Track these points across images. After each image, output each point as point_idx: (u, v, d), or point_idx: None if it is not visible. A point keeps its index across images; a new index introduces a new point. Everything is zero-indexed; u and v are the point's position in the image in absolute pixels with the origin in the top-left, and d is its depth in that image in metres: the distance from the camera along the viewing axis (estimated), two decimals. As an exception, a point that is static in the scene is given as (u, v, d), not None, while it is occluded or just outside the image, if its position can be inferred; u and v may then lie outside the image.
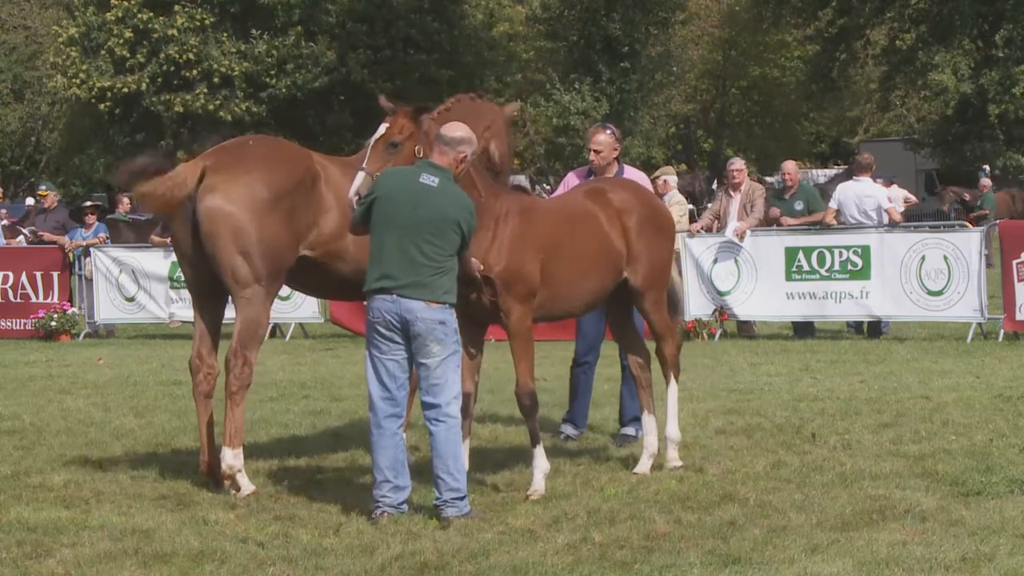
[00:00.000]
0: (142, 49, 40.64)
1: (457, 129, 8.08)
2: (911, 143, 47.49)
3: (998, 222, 20.18)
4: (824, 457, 9.38)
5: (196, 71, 40.74)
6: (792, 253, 17.74)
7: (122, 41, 40.41)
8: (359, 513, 7.98)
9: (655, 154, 50.22)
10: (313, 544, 7.39)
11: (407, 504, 7.96)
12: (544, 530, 7.58)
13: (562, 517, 7.85)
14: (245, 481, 8.69)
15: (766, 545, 7.11)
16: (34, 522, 7.95)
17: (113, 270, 20.47)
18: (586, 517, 7.83)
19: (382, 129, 8.25)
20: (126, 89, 40.30)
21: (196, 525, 7.87)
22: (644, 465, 9.20)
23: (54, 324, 20.15)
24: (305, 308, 19.55)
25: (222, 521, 7.96)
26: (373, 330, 7.89)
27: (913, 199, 31.56)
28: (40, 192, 23.23)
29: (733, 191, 18.39)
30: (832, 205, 18.67)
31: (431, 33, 41.52)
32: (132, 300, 20.39)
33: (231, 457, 8.62)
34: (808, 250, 17.69)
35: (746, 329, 18.34)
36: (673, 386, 9.44)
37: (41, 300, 20.64)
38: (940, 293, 16.98)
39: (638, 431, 10.35)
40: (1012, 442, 9.74)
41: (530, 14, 44.26)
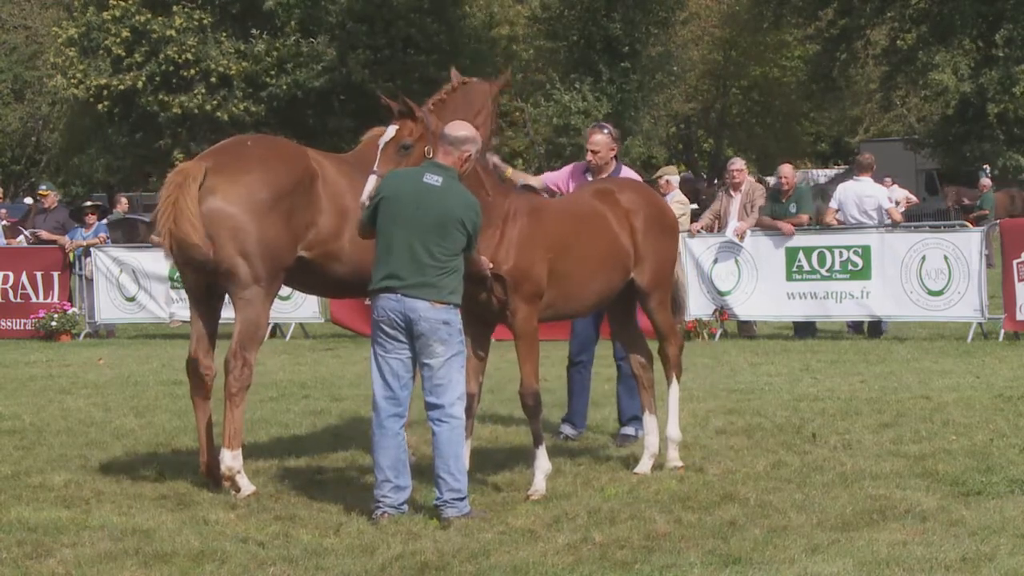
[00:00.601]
0: (140, 49, 40.62)
1: (461, 128, 8.09)
2: (911, 143, 47.48)
3: (998, 222, 20.18)
4: (824, 457, 9.38)
5: (195, 71, 40.72)
6: (792, 253, 17.73)
7: (119, 40, 40.38)
8: (359, 513, 7.98)
9: (656, 154, 50.21)
10: (313, 544, 7.39)
11: (408, 504, 7.97)
12: (545, 530, 7.58)
13: (563, 517, 7.85)
14: (245, 482, 8.68)
15: (766, 545, 7.11)
16: (34, 522, 7.95)
17: (113, 270, 20.47)
18: (586, 517, 7.83)
19: (392, 131, 8.23)
20: (122, 86, 40.26)
21: (196, 525, 7.87)
22: (645, 465, 9.20)
23: (54, 324, 20.16)
24: (305, 308, 19.57)
25: (222, 521, 7.96)
26: (378, 329, 7.90)
27: (913, 199, 31.58)
28: (40, 192, 23.20)
29: (733, 191, 18.39)
30: (832, 205, 18.69)
31: (431, 33, 41.51)
32: (132, 300, 20.40)
33: (230, 458, 8.61)
34: (808, 250, 17.68)
35: (746, 329, 18.35)
36: (675, 386, 9.44)
37: (41, 300, 20.65)
38: (940, 293, 16.97)
39: (638, 430, 10.34)
40: (1012, 442, 9.74)
41: (530, 14, 44.22)
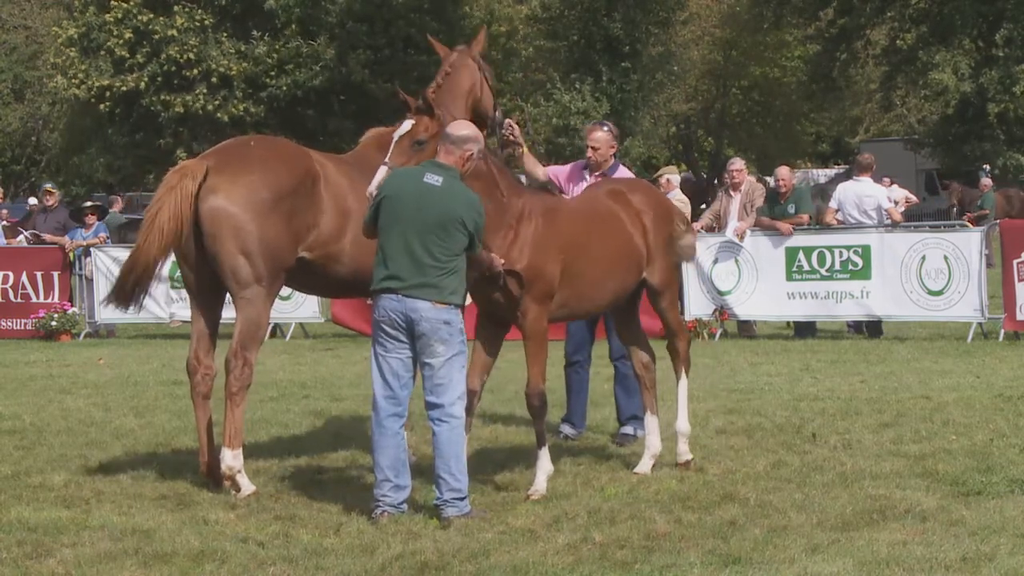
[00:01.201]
0: (142, 50, 40.61)
1: (463, 127, 8.11)
2: (911, 143, 47.47)
3: (998, 221, 20.18)
4: (824, 457, 9.38)
5: (196, 71, 40.71)
6: (792, 253, 17.73)
7: (122, 42, 40.37)
8: (359, 513, 7.98)
9: (656, 154, 50.20)
10: (313, 544, 7.39)
11: (407, 504, 7.97)
12: (545, 530, 7.58)
13: (562, 517, 7.85)
14: (245, 481, 8.69)
15: (766, 545, 7.11)
16: (34, 522, 7.95)
17: (114, 270, 20.40)
18: (586, 517, 7.83)
19: (408, 125, 8.23)
20: (124, 88, 40.27)
21: (196, 525, 7.87)
22: (645, 465, 9.19)
23: (54, 324, 20.15)
24: (306, 308, 19.56)
25: (222, 521, 7.96)
26: (378, 328, 7.90)
27: (913, 199, 31.57)
28: (46, 188, 23.22)
29: (733, 191, 18.39)
30: (832, 205, 18.68)
31: (431, 33, 41.49)
32: (133, 300, 20.36)
33: (231, 458, 8.62)
34: (808, 250, 17.68)
35: (746, 329, 18.35)
36: (684, 381, 9.45)
37: (42, 300, 20.65)
38: (940, 293, 16.97)
39: (637, 430, 10.35)
40: (1012, 442, 9.74)
41: (530, 14, 44.19)
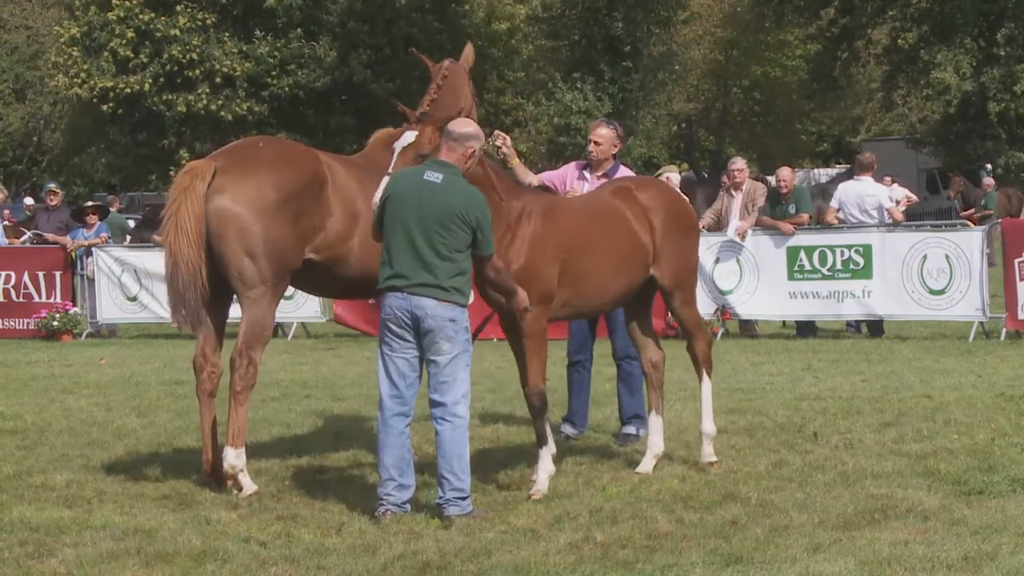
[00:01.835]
0: (144, 49, 40.61)
1: (465, 125, 8.13)
2: (913, 142, 47.45)
3: (1000, 221, 20.18)
4: (826, 456, 9.38)
5: (198, 71, 40.71)
6: (794, 252, 17.73)
7: (124, 41, 40.37)
8: (361, 512, 7.98)
9: (657, 153, 50.19)
10: (315, 544, 7.39)
11: (409, 504, 7.97)
12: (546, 529, 7.58)
13: (564, 516, 7.85)
14: (247, 481, 8.70)
15: (768, 544, 7.11)
16: (36, 522, 7.96)
17: (115, 270, 20.47)
18: (588, 516, 7.83)
19: (411, 136, 8.27)
20: (128, 89, 40.27)
21: (198, 525, 7.87)
22: (647, 464, 9.19)
23: (56, 324, 20.16)
24: (307, 307, 19.57)
25: (224, 521, 7.96)
26: (385, 328, 7.92)
27: (913, 198, 31.51)
28: (50, 188, 23.25)
29: (734, 190, 18.39)
30: (833, 204, 18.68)
31: (432, 33, 41.47)
32: (134, 300, 20.39)
33: (233, 457, 8.63)
34: (810, 249, 17.68)
35: (748, 328, 18.35)
36: (707, 382, 9.44)
37: (43, 300, 20.65)
38: (942, 292, 16.97)
39: (639, 429, 10.34)
40: (1014, 441, 9.74)
41: (531, 13, 44.19)
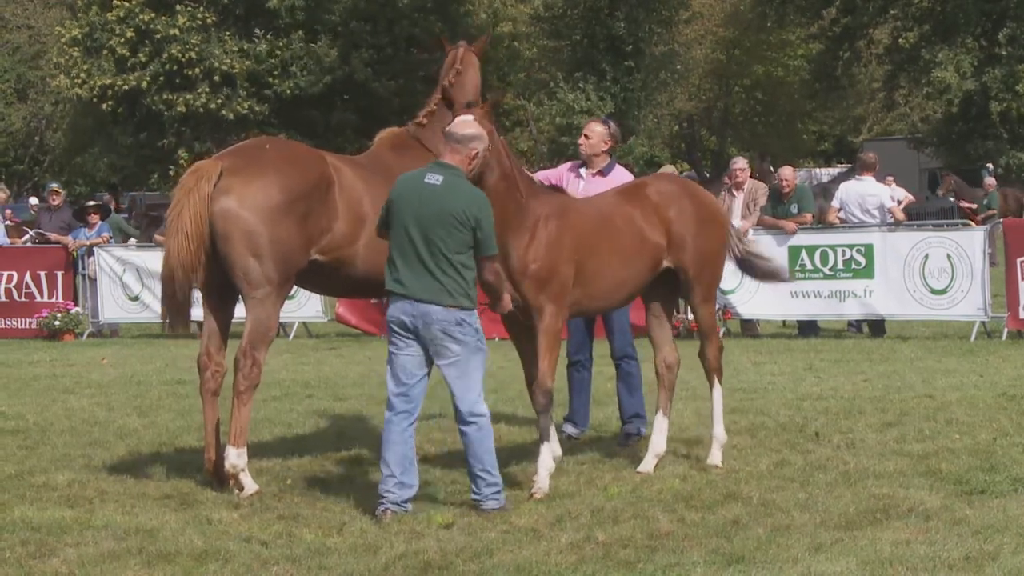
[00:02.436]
0: (144, 49, 40.63)
1: (468, 126, 8.12)
2: (914, 142, 47.42)
3: (1001, 220, 20.17)
4: (828, 456, 9.38)
5: (198, 70, 40.72)
6: (795, 252, 17.72)
7: (124, 41, 40.40)
8: (363, 512, 7.99)
9: (659, 153, 50.17)
10: (317, 543, 7.40)
11: (411, 503, 7.97)
12: (548, 529, 7.58)
13: (566, 516, 7.85)
14: (249, 480, 8.70)
15: (770, 544, 7.11)
16: (38, 521, 7.96)
17: (117, 269, 20.48)
18: (590, 516, 7.83)
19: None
20: (127, 86, 40.29)
21: (200, 524, 7.88)
22: (648, 464, 9.19)
23: (58, 324, 20.17)
24: (309, 307, 19.57)
25: (226, 520, 7.96)
26: (391, 327, 7.99)
27: (911, 198, 31.49)
28: (52, 188, 23.26)
29: (736, 190, 18.38)
30: (835, 204, 18.67)
31: (434, 32, 41.52)
32: (136, 299, 20.40)
33: (235, 456, 8.64)
34: (811, 249, 17.67)
35: (749, 328, 18.35)
36: (718, 389, 9.45)
37: (45, 300, 20.66)
38: (943, 292, 16.96)
39: (640, 428, 10.34)
40: (1016, 441, 9.74)
41: (533, 13, 44.20)
